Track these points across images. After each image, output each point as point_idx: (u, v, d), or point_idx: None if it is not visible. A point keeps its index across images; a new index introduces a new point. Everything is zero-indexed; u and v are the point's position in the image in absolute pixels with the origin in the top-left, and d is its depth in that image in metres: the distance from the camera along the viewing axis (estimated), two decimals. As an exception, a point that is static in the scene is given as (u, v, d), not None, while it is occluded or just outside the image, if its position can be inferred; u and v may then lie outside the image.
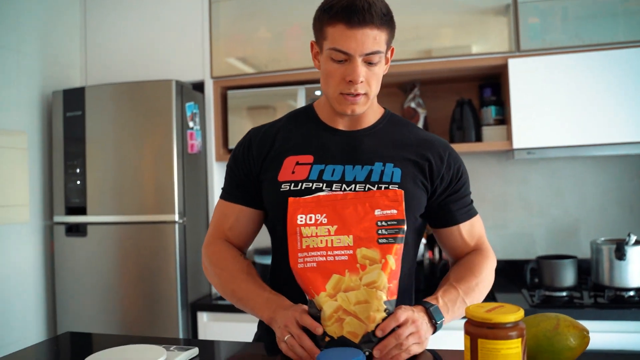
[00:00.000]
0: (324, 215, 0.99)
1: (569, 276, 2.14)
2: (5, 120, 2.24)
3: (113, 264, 2.31)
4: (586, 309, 1.97)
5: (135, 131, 2.30)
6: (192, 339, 1.21)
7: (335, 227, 0.98)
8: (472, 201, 1.23)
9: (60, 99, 2.39)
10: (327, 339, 0.93)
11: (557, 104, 2.16)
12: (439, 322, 1.02)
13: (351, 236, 0.97)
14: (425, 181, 1.15)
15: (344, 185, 1.10)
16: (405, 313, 0.97)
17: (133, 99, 2.31)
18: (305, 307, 0.98)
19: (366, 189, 1.08)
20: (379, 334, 0.93)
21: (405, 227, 0.99)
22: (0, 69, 2.22)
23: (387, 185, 1.09)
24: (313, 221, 0.99)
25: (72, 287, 2.36)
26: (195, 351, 1.06)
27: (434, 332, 1.03)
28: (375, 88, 1.12)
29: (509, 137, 2.26)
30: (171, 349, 1.05)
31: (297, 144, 1.18)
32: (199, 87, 2.50)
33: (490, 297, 2.18)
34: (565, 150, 2.18)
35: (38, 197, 2.41)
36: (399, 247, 0.97)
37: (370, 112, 1.20)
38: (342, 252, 0.96)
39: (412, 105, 2.47)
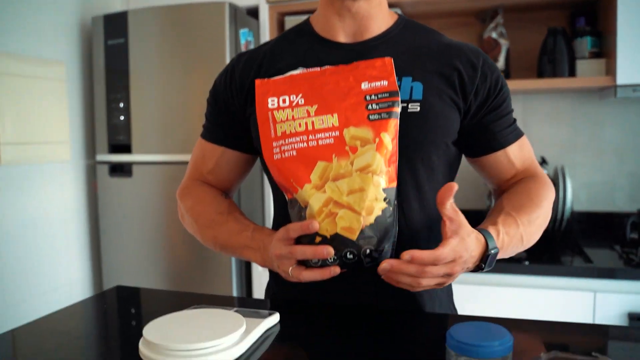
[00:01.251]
0: (300, 95, 0.84)
1: (676, 233, 1.85)
2: (41, 49, 2.02)
3: (160, 206, 2.13)
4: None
5: (184, 60, 2.06)
6: (265, 299, 1.00)
7: (315, 106, 0.82)
8: (515, 120, 1.00)
9: (101, 25, 2.15)
10: (318, 239, 0.79)
11: (673, 31, 1.82)
12: (485, 270, 0.84)
13: (335, 115, 0.81)
14: (456, 96, 0.91)
15: None
16: (454, 252, 0.76)
17: (181, 25, 2.05)
18: (288, 225, 0.82)
19: None
20: (405, 257, 0.74)
21: (399, 99, 0.82)
22: (35, -10, 1.99)
23: (405, 105, 0.88)
24: (287, 103, 0.84)
25: (117, 230, 2.20)
26: (276, 318, 0.86)
27: (474, 271, 0.84)
28: None
29: (608, 71, 1.94)
30: (249, 314, 0.84)
31: (288, 65, 0.95)
32: (252, 12, 2.23)
33: (577, 252, 1.92)
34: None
35: (79, 134, 2.22)
36: (395, 124, 0.81)
37: (379, 17, 0.96)
38: (327, 135, 0.81)
39: (493, 35, 2.15)
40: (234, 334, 0.73)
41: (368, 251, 0.78)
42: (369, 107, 0.82)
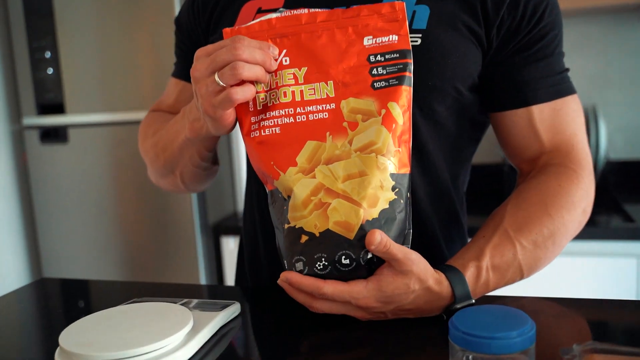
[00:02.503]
0: (284, 52, 0.77)
1: None
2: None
3: (106, 177, 2.08)
4: None
5: (123, -6, 1.97)
6: (225, 286, 0.94)
7: (304, 69, 0.76)
8: (565, 70, 0.88)
9: (15, -46, 2.06)
10: (304, 238, 0.71)
11: None
12: (449, 313, 0.74)
13: (331, 83, 0.76)
14: (478, 27, 0.82)
15: None
16: (356, 296, 0.70)
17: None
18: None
19: None
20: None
21: (411, 61, 0.75)
22: None
23: None
24: None
25: (55, 209, 2.15)
26: (235, 309, 0.80)
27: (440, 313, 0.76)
28: None
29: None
30: (201, 306, 0.79)
31: None
32: None
33: (615, 209, 1.87)
34: None
35: (-2, 92, 2.14)
36: (408, 93, 0.75)
37: None
38: (320, 107, 0.75)
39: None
40: (175, 335, 0.67)
41: (370, 256, 0.71)
42: (374, 71, 0.75)
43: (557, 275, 1.74)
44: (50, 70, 2.06)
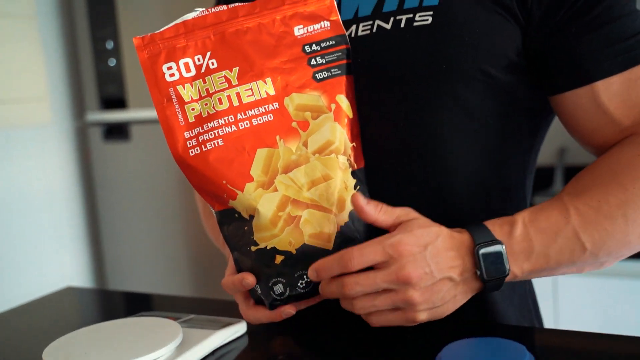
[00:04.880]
0: (209, 54, 0.79)
1: None
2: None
3: (172, 177, 2.18)
4: None
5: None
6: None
7: (235, 69, 0.79)
8: (635, 34, 0.79)
9: (77, -62, 2.20)
10: (279, 258, 0.75)
11: None
12: (485, 269, 0.71)
13: (269, 79, 0.78)
14: None
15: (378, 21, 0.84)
16: (386, 248, 0.70)
17: None
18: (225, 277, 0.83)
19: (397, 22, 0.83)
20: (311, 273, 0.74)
21: (349, 47, 0.80)
22: None
23: (411, 16, 0.82)
24: (193, 70, 0.79)
25: (120, 211, 2.29)
26: (238, 328, 0.83)
27: (483, 290, 0.74)
28: None
29: None
30: (205, 324, 0.84)
31: None
32: None
33: None
34: None
35: (61, 87, 2.30)
36: (352, 81, 0.81)
37: None
38: (262, 109, 0.78)
39: None
40: (156, 352, 0.72)
41: None
42: (312, 61, 0.79)
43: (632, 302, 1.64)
44: (111, 62, 2.19)
